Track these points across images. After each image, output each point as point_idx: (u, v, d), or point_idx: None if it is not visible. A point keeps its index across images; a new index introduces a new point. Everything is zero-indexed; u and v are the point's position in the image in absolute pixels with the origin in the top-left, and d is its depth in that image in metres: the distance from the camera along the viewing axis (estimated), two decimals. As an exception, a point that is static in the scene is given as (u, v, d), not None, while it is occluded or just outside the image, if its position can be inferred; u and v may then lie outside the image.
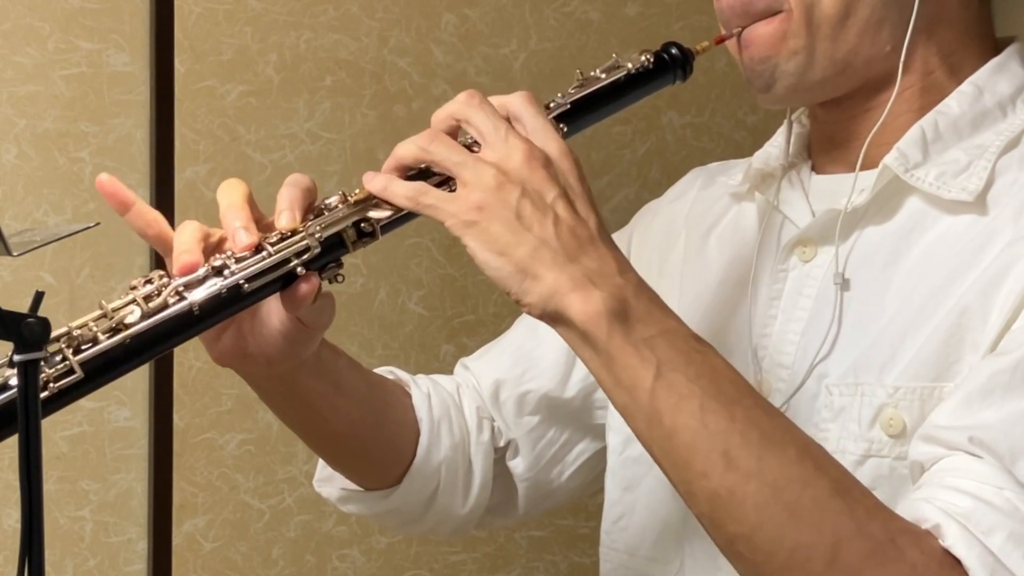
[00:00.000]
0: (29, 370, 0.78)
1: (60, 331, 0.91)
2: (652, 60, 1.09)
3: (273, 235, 0.99)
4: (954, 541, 0.89)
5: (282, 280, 0.98)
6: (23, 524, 0.77)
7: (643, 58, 1.09)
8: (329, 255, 0.99)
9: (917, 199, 1.06)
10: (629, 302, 0.94)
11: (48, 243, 0.92)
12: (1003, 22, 1.15)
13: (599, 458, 1.29)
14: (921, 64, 1.09)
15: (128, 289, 0.96)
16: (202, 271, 0.96)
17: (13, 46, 1.93)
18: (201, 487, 2.05)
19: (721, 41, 1.12)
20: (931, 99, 1.08)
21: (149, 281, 0.96)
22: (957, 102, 1.08)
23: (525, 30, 2.18)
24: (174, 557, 2.03)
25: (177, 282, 0.96)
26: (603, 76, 1.08)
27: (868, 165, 1.08)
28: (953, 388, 0.97)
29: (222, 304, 0.96)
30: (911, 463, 0.97)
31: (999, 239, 1.00)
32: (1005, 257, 0.99)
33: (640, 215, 1.32)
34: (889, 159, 1.06)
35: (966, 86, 1.08)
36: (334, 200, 1.01)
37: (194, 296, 0.95)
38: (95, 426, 1.99)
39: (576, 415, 1.29)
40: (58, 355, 0.91)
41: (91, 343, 0.92)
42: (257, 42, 2.05)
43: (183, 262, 0.97)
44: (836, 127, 1.13)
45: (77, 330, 0.92)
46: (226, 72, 2.03)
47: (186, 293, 0.95)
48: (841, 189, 1.09)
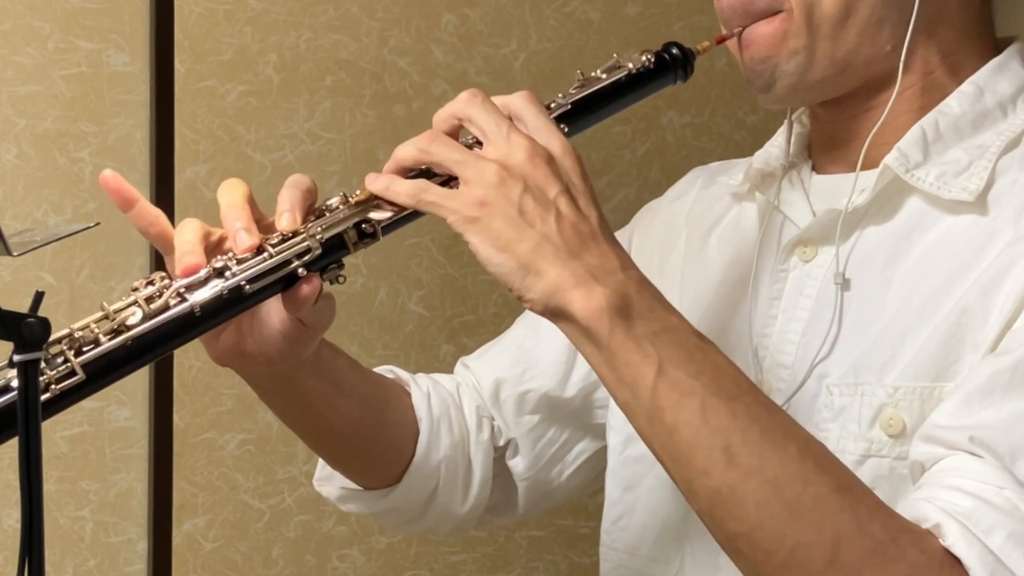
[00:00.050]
0: (29, 370, 0.78)
1: (62, 333, 0.91)
2: (653, 60, 1.09)
3: (274, 236, 0.99)
4: (954, 540, 0.89)
5: (283, 281, 0.98)
6: (23, 524, 0.77)
7: (644, 58, 1.09)
8: (330, 256, 0.99)
9: (917, 199, 1.06)
10: (631, 298, 0.94)
11: (48, 243, 0.91)
12: (1003, 22, 1.15)
13: (599, 458, 1.29)
14: (921, 64, 1.09)
15: (130, 290, 0.96)
16: (203, 272, 0.96)
17: (13, 46, 1.93)
18: (201, 487, 2.05)
19: (722, 41, 1.12)
20: (932, 99, 1.08)
21: (151, 282, 0.96)
22: (958, 102, 1.08)
23: (525, 30, 2.18)
24: (174, 557, 2.02)
25: (179, 283, 0.96)
26: (604, 76, 1.08)
27: (868, 165, 1.08)
28: (953, 388, 0.97)
29: (224, 306, 0.96)
30: (911, 463, 0.97)
31: (999, 239, 1.00)
32: (1005, 257, 0.99)
33: (640, 215, 1.32)
34: (890, 159, 1.06)
35: (967, 86, 1.08)
36: (335, 201, 1.01)
37: (196, 297, 0.95)
38: (95, 426, 1.99)
39: (576, 414, 1.29)
40: (59, 357, 0.91)
41: (93, 344, 0.92)
42: (257, 42, 2.05)
43: (186, 263, 0.97)
44: (836, 127, 1.12)
45: (79, 331, 0.92)
46: (226, 72, 2.03)
47: (188, 295, 0.95)
48: (842, 189, 1.09)
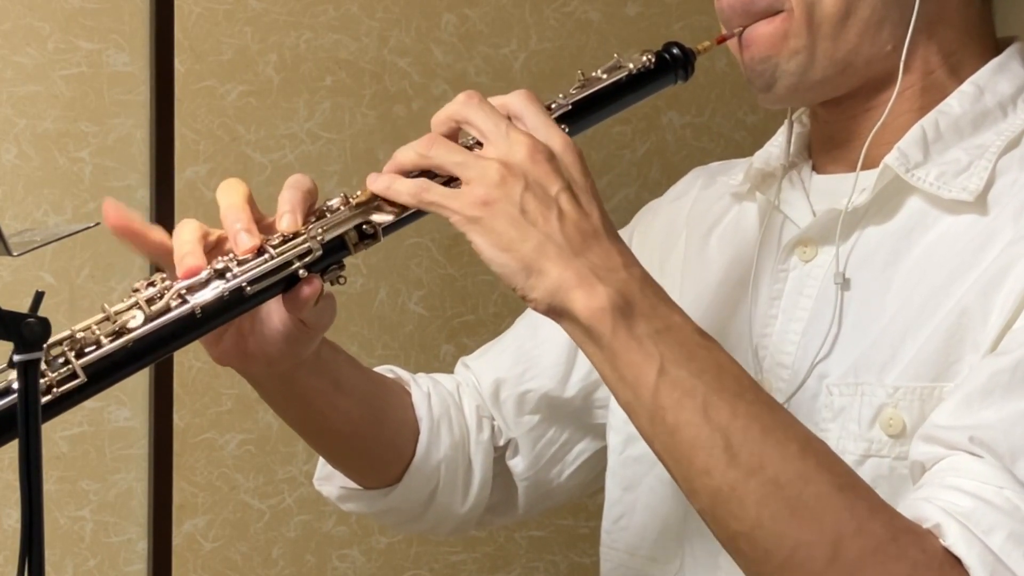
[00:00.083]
0: (29, 370, 0.78)
1: (63, 334, 0.91)
2: (653, 60, 1.09)
3: (275, 237, 0.99)
4: (955, 540, 0.89)
5: (284, 282, 0.98)
6: (23, 524, 0.77)
7: (644, 58, 1.09)
8: (331, 257, 0.99)
9: (918, 199, 1.06)
10: (634, 297, 0.93)
11: (48, 243, 0.91)
12: (1004, 22, 1.15)
13: (599, 458, 1.29)
14: (922, 64, 1.09)
15: (130, 291, 0.96)
16: (204, 273, 0.96)
17: (13, 46, 1.93)
18: (201, 487, 2.05)
19: (722, 41, 1.12)
20: (932, 99, 1.08)
21: (152, 283, 0.96)
22: (958, 102, 1.08)
23: (525, 30, 2.18)
24: (174, 557, 2.02)
25: (180, 285, 0.95)
26: (604, 76, 1.07)
27: (869, 165, 1.08)
28: (953, 388, 0.97)
29: (225, 307, 0.96)
30: (912, 463, 0.97)
31: (999, 239, 1.00)
32: (1005, 257, 0.99)
33: (641, 215, 1.32)
34: (890, 159, 1.06)
35: (967, 86, 1.08)
36: (336, 202, 1.01)
37: (197, 299, 0.95)
38: (95, 426, 1.99)
39: (576, 414, 1.29)
40: (60, 358, 0.91)
41: (94, 346, 0.92)
42: (257, 42, 2.04)
43: (187, 265, 0.97)
44: (837, 127, 1.12)
45: (80, 333, 0.92)
46: (226, 72, 2.03)
47: (189, 296, 0.95)
48: (842, 189, 1.09)
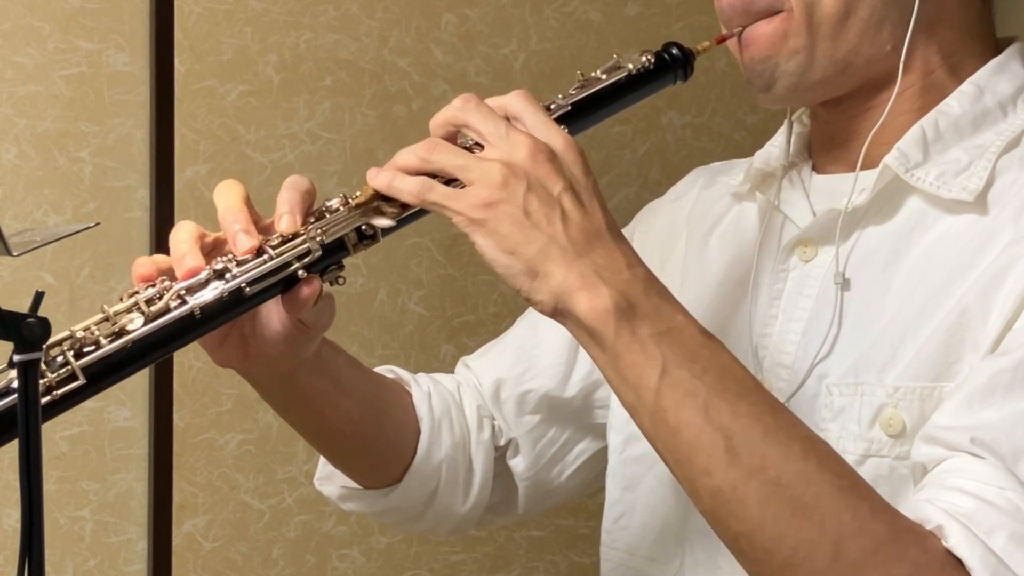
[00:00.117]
0: (29, 370, 0.78)
1: (62, 335, 0.92)
2: (653, 60, 1.09)
3: (274, 238, 0.99)
4: (956, 542, 0.89)
5: (283, 283, 0.98)
6: (23, 524, 0.77)
7: (644, 58, 1.09)
8: (330, 258, 0.99)
9: (917, 199, 1.06)
10: (637, 298, 0.94)
11: (48, 243, 0.91)
12: (1004, 22, 1.15)
13: (599, 457, 1.29)
14: (922, 64, 1.09)
15: (129, 292, 0.96)
16: (203, 274, 0.96)
17: (13, 46, 1.93)
18: (201, 487, 2.05)
19: (722, 41, 1.12)
20: (932, 99, 1.08)
21: (151, 284, 0.96)
22: (958, 102, 1.08)
23: (525, 30, 2.18)
24: (174, 557, 2.02)
25: (179, 286, 0.95)
26: (604, 77, 1.07)
27: (868, 165, 1.08)
28: (954, 388, 0.97)
29: (224, 307, 0.96)
30: (913, 464, 0.97)
31: (999, 239, 1.00)
32: (1005, 257, 0.99)
33: (642, 215, 1.32)
34: (889, 159, 1.06)
35: (967, 86, 1.08)
36: (335, 203, 1.01)
37: (196, 300, 0.95)
38: (95, 426, 1.99)
39: (577, 414, 1.29)
40: (60, 358, 0.91)
41: (93, 347, 0.92)
42: (257, 42, 2.04)
43: (186, 266, 0.97)
44: (837, 127, 1.12)
45: (79, 333, 0.92)
46: (226, 72, 2.03)
47: (188, 297, 0.95)
48: (841, 189, 1.09)
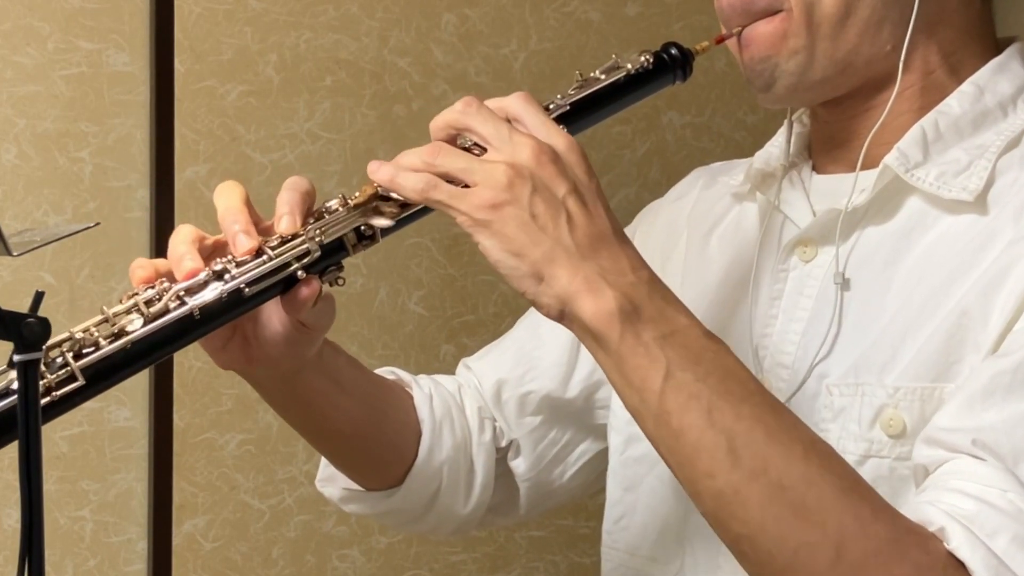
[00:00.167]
0: (29, 370, 0.78)
1: (62, 336, 0.91)
2: (652, 60, 1.09)
3: (273, 239, 0.98)
4: (958, 544, 0.89)
5: (283, 284, 0.98)
6: (23, 524, 0.77)
7: (643, 58, 1.09)
8: (329, 258, 0.99)
9: (917, 199, 1.06)
10: (641, 301, 0.93)
11: (48, 243, 0.91)
12: (1004, 22, 1.15)
13: (601, 458, 1.29)
14: (921, 64, 1.09)
15: (128, 294, 0.96)
16: (203, 275, 0.96)
17: (13, 46, 1.93)
18: (201, 487, 2.05)
19: (721, 40, 1.11)
20: (932, 99, 1.08)
21: (150, 286, 0.96)
22: (958, 102, 1.07)
23: (525, 30, 2.18)
24: (174, 557, 2.02)
25: (178, 287, 0.95)
26: (603, 77, 1.07)
27: (869, 165, 1.08)
28: (955, 389, 0.97)
29: (223, 308, 0.96)
30: (914, 466, 0.97)
31: (1000, 239, 1.00)
32: (1006, 257, 0.99)
33: (642, 215, 1.32)
34: (889, 159, 1.06)
35: (967, 86, 1.08)
36: (334, 203, 1.00)
37: (195, 301, 0.95)
38: (95, 426, 1.99)
39: (578, 415, 1.29)
40: (59, 359, 0.91)
41: (93, 348, 0.92)
42: (257, 42, 2.04)
43: (186, 268, 0.97)
44: (837, 127, 1.12)
45: (79, 335, 0.92)
46: (226, 72, 2.03)
47: (187, 298, 0.95)
48: (842, 189, 1.09)
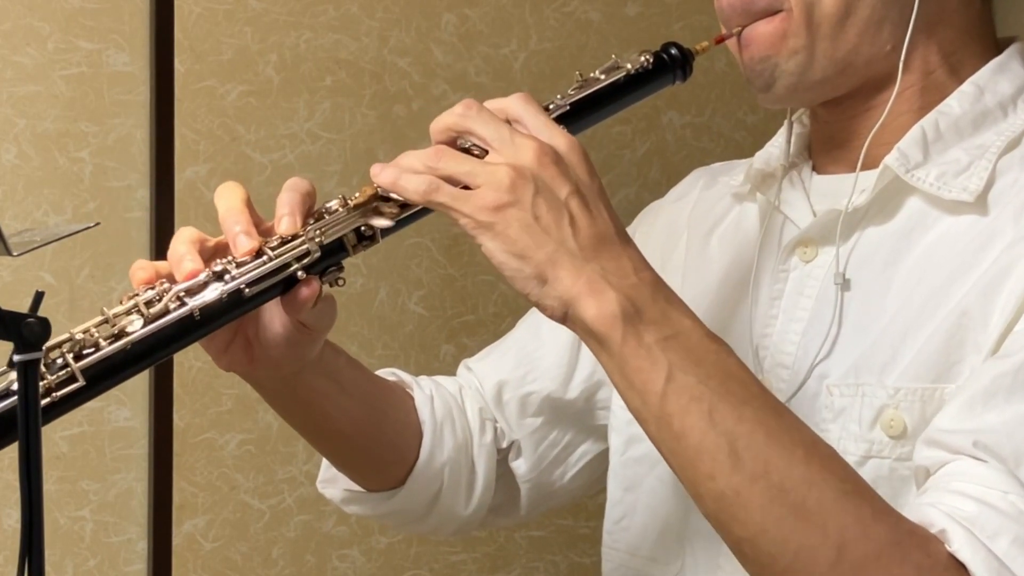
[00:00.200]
0: (29, 370, 0.78)
1: (62, 337, 0.91)
2: (651, 61, 1.09)
3: (274, 240, 0.98)
4: (959, 546, 0.88)
5: (283, 284, 0.98)
6: (23, 524, 0.77)
7: (642, 59, 1.09)
8: (330, 259, 0.99)
9: (918, 199, 1.06)
10: (643, 302, 0.93)
11: (48, 243, 0.91)
12: (1004, 22, 1.15)
13: (601, 459, 1.28)
14: (921, 64, 1.09)
15: (128, 295, 0.96)
16: (203, 276, 0.96)
17: (13, 46, 1.93)
18: (201, 487, 2.05)
19: (721, 40, 1.11)
20: (932, 99, 1.08)
21: (151, 287, 0.96)
22: (958, 102, 1.07)
23: (525, 30, 2.18)
24: (174, 557, 2.02)
25: (178, 288, 0.95)
26: (602, 77, 1.07)
27: (869, 165, 1.08)
28: (955, 390, 0.97)
29: (223, 309, 0.96)
30: (915, 467, 0.97)
31: (1000, 240, 1.00)
32: (1006, 258, 0.99)
33: (643, 215, 1.32)
34: (890, 159, 1.06)
35: (967, 86, 1.08)
36: (334, 204, 1.00)
37: (195, 301, 0.95)
38: (95, 426, 1.99)
39: (579, 416, 1.29)
40: (59, 360, 0.91)
41: (93, 349, 0.92)
42: (257, 42, 2.04)
43: (186, 269, 0.97)
44: (837, 127, 1.12)
45: (79, 335, 0.92)
46: (226, 72, 2.03)
47: (187, 299, 0.95)
48: (842, 189, 1.09)
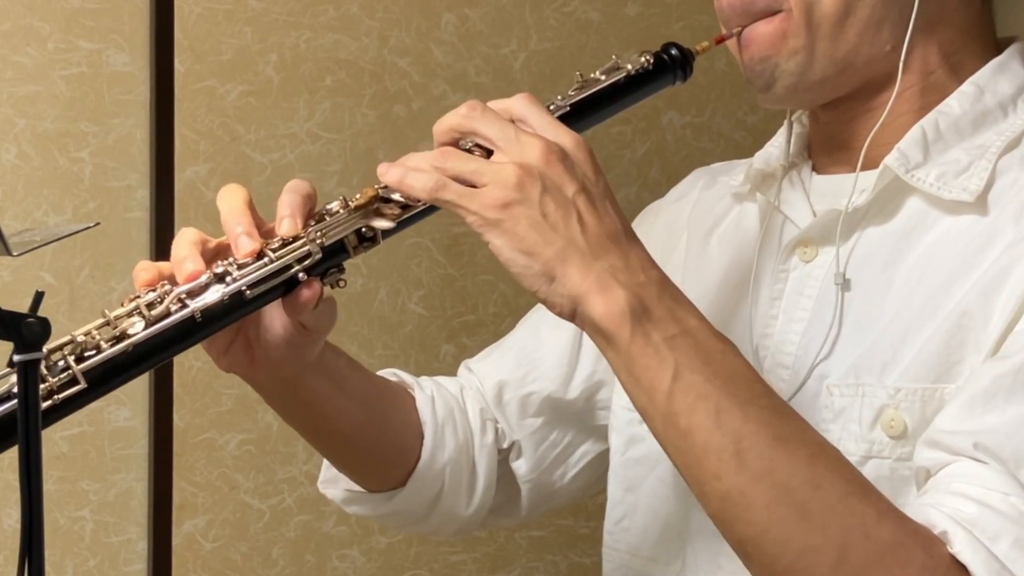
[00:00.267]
0: (29, 370, 0.78)
1: (63, 340, 0.92)
2: (652, 61, 1.09)
3: (275, 241, 0.98)
4: (961, 547, 0.89)
5: (284, 286, 0.98)
6: (23, 524, 0.77)
7: (643, 59, 1.09)
8: (330, 260, 0.99)
9: (918, 199, 1.06)
10: (651, 301, 0.93)
11: (48, 243, 0.92)
12: (1004, 22, 1.15)
13: (602, 459, 1.28)
14: (921, 64, 1.09)
15: (130, 296, 0.96)
16: (204, 278, 0.96)
17: (13, 46, 1.93)
18: (201, 487, 2.05)
19: (721, 41, 1.11)
20: (932, 99, 1.08)
21: (152, 289, 0.96)
22: (958, 102, 1.07)
23: (525, 30, 2.18)
24: (174, 557, 2.02)
25: (179, 289, 0.96)
26: (603, 78, 1.07)
27: (869, 165, 1.08)
28: (956, 391, 0.97)
29: (224, 311, 0.96)
30: (916, 468, 0.97)
31: (1000, 240, 1.00)
32: (1006, 258, 0.99)
33: (643, 215, 1.32)
34: (890, 159, 1.06)
35: (967, 86, 1.08)
36: (335, 205, 1.00)
37: (196, 303, 0.95)
38: (95, 426, 1.99)
39: (579, 416, 1.29)
40: (60, 363, 0.91)
41: (94, 351, 0.92)
42: (257, 42, 2.04)
43: (187, 271, 0.97)
44: (836, 127, 1.12)
45: (80, 337, 0.92)
46: (226, 72, 2.03)
47: (188, 300, 0.95)
48: (842, 189, 1.09)
